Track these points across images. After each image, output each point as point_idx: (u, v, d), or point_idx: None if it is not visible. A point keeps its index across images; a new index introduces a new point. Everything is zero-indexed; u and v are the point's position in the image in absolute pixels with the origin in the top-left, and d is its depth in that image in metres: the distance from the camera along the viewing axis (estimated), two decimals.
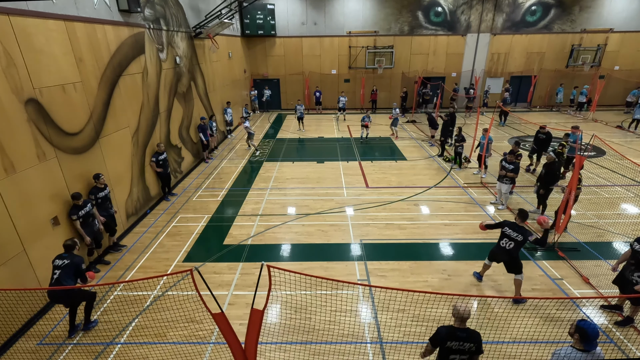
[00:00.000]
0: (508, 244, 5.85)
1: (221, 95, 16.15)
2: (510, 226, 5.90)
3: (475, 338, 3.70)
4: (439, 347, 3.82)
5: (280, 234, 8.25)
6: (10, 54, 5.29)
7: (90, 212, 6.70)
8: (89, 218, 6.65)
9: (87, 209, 6.58)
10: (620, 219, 8.74)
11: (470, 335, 3.71)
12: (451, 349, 3.71)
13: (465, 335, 3.70)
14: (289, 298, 6.01)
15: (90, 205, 6.70)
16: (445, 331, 3.76)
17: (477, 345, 3.69)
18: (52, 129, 6.12)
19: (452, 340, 3.70)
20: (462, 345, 3.69)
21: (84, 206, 6.53)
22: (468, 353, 3.71)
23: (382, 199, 9.93)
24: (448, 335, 3.72)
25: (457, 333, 3.71)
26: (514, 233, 5.81)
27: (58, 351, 5.21)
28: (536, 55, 21.86)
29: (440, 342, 3.76)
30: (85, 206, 6.57)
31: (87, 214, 6.59)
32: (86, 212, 6.56)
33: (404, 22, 21.23)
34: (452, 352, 3.72)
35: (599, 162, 12.70)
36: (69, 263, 5.12)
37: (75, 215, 6.40)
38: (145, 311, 5.92)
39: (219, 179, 11.78)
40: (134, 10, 8.36)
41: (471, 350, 3.69)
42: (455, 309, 3.77)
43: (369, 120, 15.75)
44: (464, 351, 3.70)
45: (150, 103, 9.56)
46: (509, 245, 5.83)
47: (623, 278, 5.55)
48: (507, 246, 5.85)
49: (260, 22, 20.44)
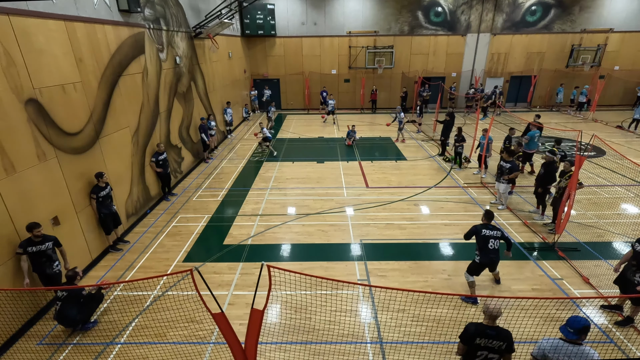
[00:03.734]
0: (496, 244, 5.79)
1: (221, 95, 16.15)
2: (485, 227, 5.84)
3: (505, 337, 3.72)
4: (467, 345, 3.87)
5: (280, 234, 8.25)
6: (10, 54, 5.29)
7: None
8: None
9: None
10: (621, 219, 8.74)
11: (499, 333, 3.73)
12: (479, 346, 3.77)
13: (495, 333, 3.73)
14: (289, 298, 6.01)
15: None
16: (474, 328, 3.81)
17: (508, 344, 3.70)
18: (52, 129, 6.11)
19: (480, 337, 3.75)
20: (490, 343, 3.72)
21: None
22: (498, 352, 3.73)
23: (382, 199, 9.92)
24: (476, 332, 3.77)
25: (486, 330, 3.75)
26: (493, 231, 5.79)
27: (58, 351, 5.21)
28: (536, 55, 21.86)
29: (469, 338, 3.80)
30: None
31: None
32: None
33: (404, 22, 21.23)
34: (480, 348, 3.77)
35: (599, 162, 12.70)
36: (67, 295, 5.28)
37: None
38: (145, 311, 5.92)
39: (219, 179, 11.78)
40: (134, 10, 8.36)
41: (501, 349, 3.72)
42: (486, 307, 3.82)
43: (354, 135, 15.16)
44: (493, 349, 3.73)
45: (150, 103, 9.56)
46: (497, 244, 5.79)
47: (624, 278, 5.55)
48: (496, 246, 5.79)
49: (260, 22, 20.44)
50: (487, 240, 5.77)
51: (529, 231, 8.20)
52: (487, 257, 5.82)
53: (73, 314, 5.28)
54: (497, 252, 5.82)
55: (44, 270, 5.65)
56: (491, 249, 5.77)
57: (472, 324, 3.84)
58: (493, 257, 5.82)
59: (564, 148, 14.31)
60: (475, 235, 5.86)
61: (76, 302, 5.34)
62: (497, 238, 5.77)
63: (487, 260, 5.86)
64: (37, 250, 5.58)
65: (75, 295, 5.33)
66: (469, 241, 6.04)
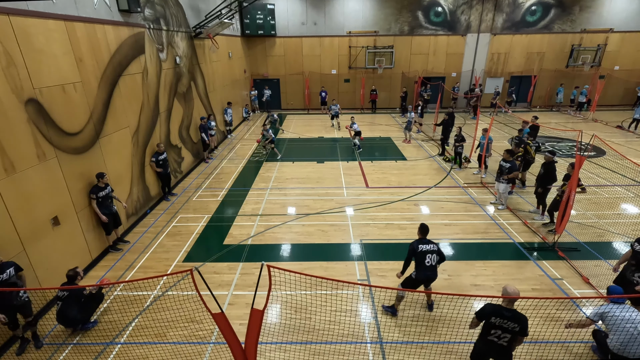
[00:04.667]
0: (433, 259, 5.47)
1: (221, 95, 16.15)
2: (421, 242, 5.54)
3: (520, 320, 3.90)
4: (484, 321, 4.09)
5: (280, 234, 8.25)
6: (10, 54, 5.29)
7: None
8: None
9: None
10: (620, 219, 8.74)
11: (515, 316, 3.91)
12: (494, 324, 3.96)
13: (511, 315, 3.91)
14: (289, 298, 6.01)
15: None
16: (491, 308, 4.02)
17: (522, 327, 3.88)
18: (52, 129, 6.11)
19: (496, 317, 3.94)
20: (505, 323, 3.90)
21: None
22: (511, 332, 3.91)
23: (382, 199, 9.93)
24: (493, 311, 3.98)
25: (502, 311, 3.94)
26: (429, 246, 5.49)
27: (58, 351, 5.21)
28: (536, 55, 21.87)
29: (485, 316, 4.04)
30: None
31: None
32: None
33: (404, 22, 21.23)
34: (494, 327, 3.96)
35: (599, 162, 12.71)
36: (68, 295, 5.27)
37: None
38: (145, 311, 5.92)
39: (219, 179, 11.78)
40: (134, 10, 8.36)
41: (514, 330, 3.89)
42: (504, 289, 4.08)
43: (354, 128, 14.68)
44: (507, 329, 3.91)
45: (150, 103, 9.57)
46: (434, 260, 5.48)
47: (624, 278, 5.56)
48: (433, 262, 5.47)
49: (260, 22, 20.44)
50: (424, 256, 5.45)
51: (529, 231, 8.21)
52: (423, 274, 5.47)
53: (74, 314, 5.28)
54: (434, 268, 5.49)
55: (10, 302, 4.84)
56: (428, 265, 5.45)
57: (490, 304, 4.05)
58: (429, 274, 5.48)
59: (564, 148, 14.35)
60: (413, 252, 5.50)
61: (77, 301, 5.34)
62: (434, 252, 5.47)
63: (423, 277, 5.52)
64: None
65: (76, 295, 5.33)
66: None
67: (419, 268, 5.47)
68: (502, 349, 4.02)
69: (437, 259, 5.48)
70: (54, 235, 6.10)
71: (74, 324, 5.42)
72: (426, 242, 5.54)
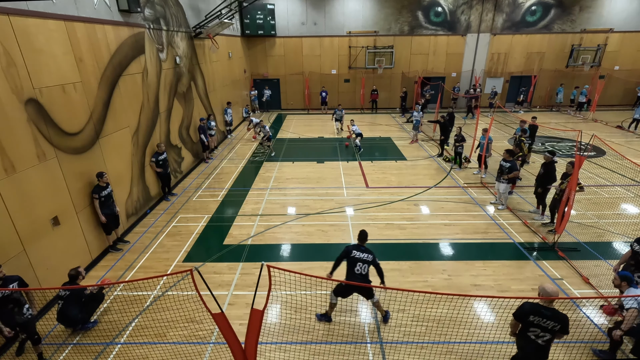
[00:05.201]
0: (363, 269, 5.25)
1: (221, 95, 16.15)
2: (356, 248, 5.32)
3: (560, 319, 3.81)
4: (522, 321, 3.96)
5: (280, 234, 8.25)
6: (10, 54, 5.29)
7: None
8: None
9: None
10: (620, 219, 8.74)
11: (555, 314, 3.82)
12: (532, 323, 3.87)
13: (550, 314, 3.81)
14: (289, 298, 6.01)
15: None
16: (530, 306, 3.90)
17: (563, 326, 3.80)
18: (52, 129, 6.11)
19: (535, 315, 3.84)
20: (544, 322, 3.81)
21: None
22: (551, 332, 3.83)
23: (382, 199, 9.93)
24: (532, 310, 3.87)
25: (541, 310, 3.84)
26: (363, 254, 5.25)
27: (58, 351, 5.21)
28: (536, 55, 21.86)
29: (523, 315, 3.91)
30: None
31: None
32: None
33: (404, 22, 21.23)
34: (533, 325, 3.87)
35: (599, 162, 12.71)
36: (69, 294, 5.26)
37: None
38: (145, 311, 5.92)
39: (219, 179, 11.78)
40: (134, 10, 8.36)
41: (554, 329, 3.82)
42: (542, 288, 3.96)
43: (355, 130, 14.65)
44: (546, 328, 3.83)
45: (150, 103, 9.56)
46: (365, 269, 5.26)
47: None
48: (363, 271, 5.24)
49: (260, 22, 20.44)
50: (355, 263, 5.22)
51: (529, 231, 8.21)
52: (343, 285, 5.29)
53: (74, 313, 5.28)
54: (364, 277, 5.23)
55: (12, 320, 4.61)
56: (357, 273, 5.18)
57: (528, 303, 3.95)
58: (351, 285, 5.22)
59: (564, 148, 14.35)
60: (346, 256, 5.30)
61: (78, 301, 5.34)
62: (367, 262, 5.23)
63: (341, 287, 5.37)
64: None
65: (78, 294, 5.33)
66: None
67: (348, 274, 5.26)
68: (540, 349, 3.92)
69: (367, 269, 5.25)
70: (54, 235, 6.10)
71: (74, 324, 5.42)
72: (362, 250, 5.29)
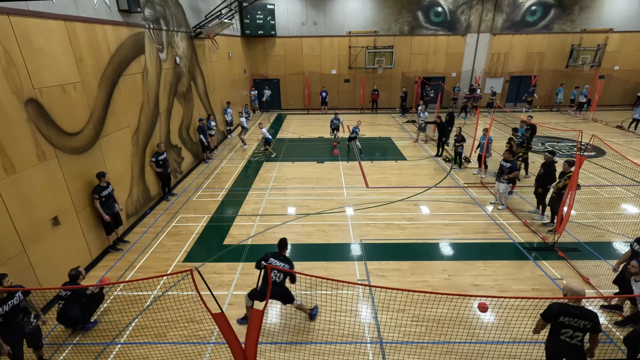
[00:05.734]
0: (278, 276, 5.16)
1: (221, 95, 16.15)
2: (274, 257, 5.26)
3: (590, 317, 3.80)
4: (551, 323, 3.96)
5: (280, 234, 8.24)
6: (10, 54, 5.29)
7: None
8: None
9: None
10: (620, 219, 8.74)
11: (585, 313, 3.82)
12: (563, 324, 3.86)
13: (580, 313, 3.81)
14: None
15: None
16: (558, 307, 3.90)
17: (594, 323, 3.79)
18: (52, 129, 6.11)
19: (565, 316, 3.83)
20: (576, 322, 3.81)
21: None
22: (583, 330, 3.84)
23: (382, 199, 9.93)
24: (561, 311, 3.87)
25: (570, 310, 3.83)
26: (280, 263, 5.19)
27: (58, 351, 5.21)
28: (536, 55, 21.86)
29: (553, 317, 3.91)
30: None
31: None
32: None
33: (404, 22, 21.23)
34: (564, 326, 3.86)
35: (599, 162, 12.71)
36: (71, 294, 5.25)
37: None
38: (145, 311, 5.92)
39: (219, 179, 11.78)
40: (134, 10, 8.36)
41: (586, 328, 3.82)
42: (569, 288, 3.94)
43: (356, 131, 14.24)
44: (578, 328, 3.82)
45: (150, 103, 9.56)
46: (280, 277, 5.17)
47: (623, 278, 5.56)
48: (278, 278, 5.15)
49: (260, 22, 20.44)
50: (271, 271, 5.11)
51: (529, 231, 8.21)
52: (264, 288, 5.00)
53: (75, 313, 5.28)
54: (279, 286, 5.14)
55: (22, 329, 4.47)
56: (272, 280, 5.01)
57: (556, 303, 3.93)
58: (274, 291, 5.06)
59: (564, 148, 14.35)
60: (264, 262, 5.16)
61: (79, 301, 5.34)
62: (281, 271, 5.12)
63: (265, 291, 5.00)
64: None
65: (79, 294, 5.33)
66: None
67: (264, 281, 5.03)
68: (575, 348, 3.92)
69: (283, 277, 5.16)
70: (54, 235, 6.10)
71: (74, 324, 5.42)
72: (281, 259, 5.23)
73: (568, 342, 3.90)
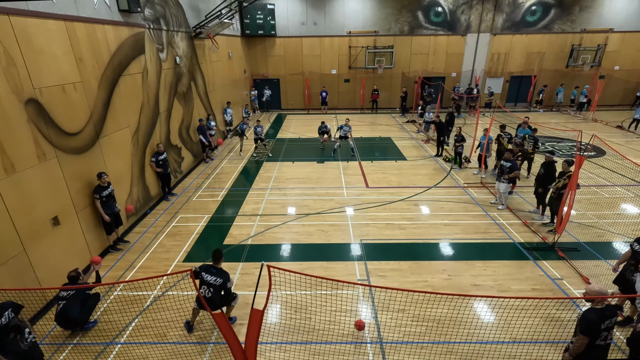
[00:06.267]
0: (207, 292, 4.98)
1: (221, 95, 16.15)
2: (208, 270, 5.09)
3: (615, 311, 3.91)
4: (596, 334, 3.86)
5: (280, 234, 8.25)
6: (10, 54, 5.29)
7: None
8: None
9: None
10: (620, 219, 8.74)
11: (612, 310, 3.88)
12: (602, 330, 3.84)
13: (610, 312, 3.84)
14: (289, 298, 6.01)
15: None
16: (597, 316, 3.80)
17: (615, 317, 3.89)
18: (52, 129, 6.11)
19: (604, 322, 3.82)
20: (610, 324, 3.84)
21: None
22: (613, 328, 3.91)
23: (382, 199, 9.92)
24: (600, 318, 3.80)
25: (605, 313, 3.83)
26: (212, 278, 5.03)
27: (58, 351, 5.21)
28: (536, 55, 21.86)
29: (597, 328, 3.80)
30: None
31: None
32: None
33: (404, 22, 21.23)
34: (603, 331, 3.85)
35: (599, 162, 12.70)
36: (73, 295, 5.26)
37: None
38: (145, 311, 5.92)
39: (219, 179, 11.78)
40: (134, 10, 8.36)
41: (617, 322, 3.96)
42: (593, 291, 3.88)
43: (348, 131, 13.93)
44: (611, 328, 3.88)
45: (150, 103, 9.56)
46: (209, 293, 5.00)
47: (623, 278, 5.55)
48: (207, 294, 4.98)
49: (260, 22, 20.44)
50: (201, 285, 5.04)
51: (529, 231, 8.21)
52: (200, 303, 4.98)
53: (76, 313, 5.26)
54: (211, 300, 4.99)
55: (17, 348, 4.13)
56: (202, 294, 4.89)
57: (592, 312, 3.84)
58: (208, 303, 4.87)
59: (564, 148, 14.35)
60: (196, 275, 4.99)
61: (80, 301, 5.33)
62: (214, 286, 4.99)
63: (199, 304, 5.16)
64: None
65: (81, 294, 5.32)
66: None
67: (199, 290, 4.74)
68: (607, 348, 3.96)
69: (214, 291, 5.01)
70: (54, 235, 6.10)
71: (73, 326, 5.41)
72: (213, 273, 5.05)
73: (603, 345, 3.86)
